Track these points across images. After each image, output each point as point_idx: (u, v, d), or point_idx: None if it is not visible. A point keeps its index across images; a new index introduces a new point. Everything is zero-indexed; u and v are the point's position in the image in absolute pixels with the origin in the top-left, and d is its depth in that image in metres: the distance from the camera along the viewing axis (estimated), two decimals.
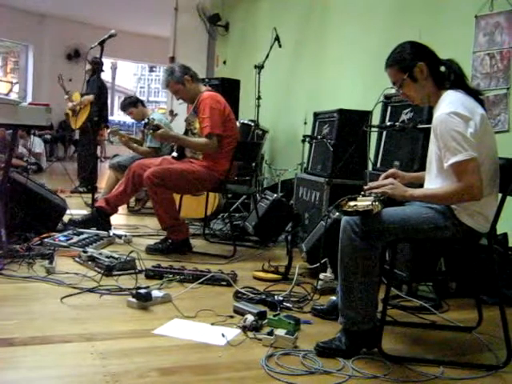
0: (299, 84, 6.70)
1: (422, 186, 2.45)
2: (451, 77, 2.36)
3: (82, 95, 7.40)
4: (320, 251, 3.27)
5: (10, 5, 12.93)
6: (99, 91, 7.06)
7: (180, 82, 4.18)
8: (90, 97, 7.18)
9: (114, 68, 19.61)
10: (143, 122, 5.84)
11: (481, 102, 2.31)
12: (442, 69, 2.39)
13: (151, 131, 4.11)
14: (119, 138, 5.84)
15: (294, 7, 6.92)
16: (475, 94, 2.34)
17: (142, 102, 6.26)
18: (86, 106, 7.26)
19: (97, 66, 7.08)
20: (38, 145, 10.38)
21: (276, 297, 2.94)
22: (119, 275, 3.23)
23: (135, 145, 5.82)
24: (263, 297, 2.93)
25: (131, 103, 6.10)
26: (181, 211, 4.44)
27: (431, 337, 2.65)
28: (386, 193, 2.28)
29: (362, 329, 2.29)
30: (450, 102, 2.23)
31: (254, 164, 5.38)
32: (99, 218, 4.33)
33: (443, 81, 2.37)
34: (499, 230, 2.54)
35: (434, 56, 2.39)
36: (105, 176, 6.58)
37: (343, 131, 4.26)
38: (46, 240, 3.78)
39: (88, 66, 7.29)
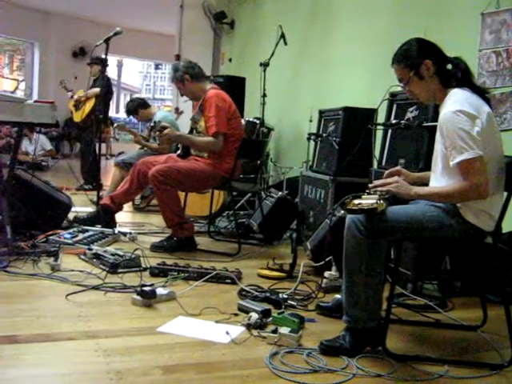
0: (304, 82, 6.68)
1: (426, 185, 2.44)
2: (458, 75, 2.34)
3: None
4: (325, 249, 3.26)
5: (16, 2, 12.96)
6: (107, 87, 7.08)
7: (180, 81, 4.20)
8: (97, 89, 7.01)
9: (119, 66, 19.66)
10: (149, 124, 5.86)
11: (487, 101, 2.30)
12: (449, 66, 2.38)
13: (158, 133, 4.12)
14: (133, 137, 5.89)
15: (299, 4, 6.90)
16: (482, 92, 2.33)
17: (145, 102, 6.26)
18: (91, 99, 7.18)
19: (103, 64, 7.07)
20: (46, 143, 10.40)
21: (280, 295, 2.94)
22: (124, 273, 3.24)
23: (148, 143, 5.85)
24: (268, 295, 2.93)
25: (137, 106, 6.12)
26: (186, 209, 4.44)
27: (436, 335, 2.64)
28: (391, 191, 2.28)
29: (366, 327, 2.28)
30: (457, 101, 2.22)
31: (259, 162, 5.38)
32: (104, 216, 4.34)
33: (450, 79, 2.35)
34: (504, 229, 2.51)
35: (441, 53, 2.38)
36: (110, 174, 6.59)
37: (348, 129, 4.25)
38: (51, 237, 3.78)
39: (98, 67, 7.20)
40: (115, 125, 6.36)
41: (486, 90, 2.42)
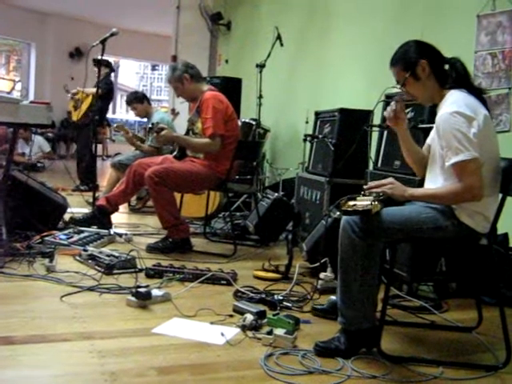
0: (301, 83, 6.69)
1: (422, 185, 2.45)
2: (453, 75, 2.34)
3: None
4: (320, 250, 3.26)
5: (13, 3, 12.94)
6: (109, 90, 7.10)
7: (179, 80, 4.20)
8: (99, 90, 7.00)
9: (116, 66, 19.66)
10: (146, 120, 5.89)
11: (483, 102, 2.30)
12: (447, 67, 2.37)
13: (155, 134, 4.13)
14: (124, 133, 5.92)
15: (296, 6, 6.91)
16: (478, 92, 2.33)
17: (147, 99, 6.31)
18: (88, 98, 7.16)
19: (110, 68, 7.14)
20: (44, 145, 10.37)
21: (276, 296, 2.94)
22: (119, 274, 3.23)
23: (139, 143, 5.89)
24: (263, 296, 2.93)
25: (137, 98, 6.18)
26: (182, 210, 4.44)
27: (431, 337, 2.64)
28: (386, 192, 2.28)
29: (361, 328, 2.28)
30: (454, 102, 2.22)
31: (255, 163, 5.38)
32: (100, 217, 4.33)
33: (446, 79, 2.34)
34: (499, 230, 2.53)
35: (438, 54, 2.37)
36: (106, 174, 6.59)
37: (344, 130, 4.24)
38: (46, 238, 3.77)
39: (105, 70, 7.17)
40: (115, 125, 6.39)
41: (483, 90, 2.42)
